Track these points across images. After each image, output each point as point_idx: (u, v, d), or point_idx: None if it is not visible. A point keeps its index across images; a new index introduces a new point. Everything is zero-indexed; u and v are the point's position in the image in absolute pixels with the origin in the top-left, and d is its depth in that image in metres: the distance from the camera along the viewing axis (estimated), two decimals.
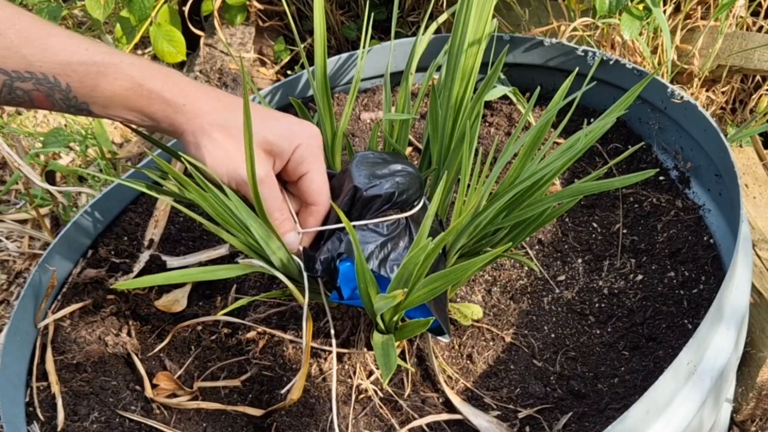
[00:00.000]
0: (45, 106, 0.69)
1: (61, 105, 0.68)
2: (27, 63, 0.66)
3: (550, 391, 0.80)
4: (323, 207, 0.74)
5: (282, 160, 0.72)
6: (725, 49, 1.31)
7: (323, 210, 0.74)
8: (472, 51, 0.81)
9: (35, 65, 0.66)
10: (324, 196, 0.74)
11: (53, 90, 0.67)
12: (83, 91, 0.68)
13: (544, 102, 1.14)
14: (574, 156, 0.73)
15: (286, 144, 0.71)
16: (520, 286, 0.91)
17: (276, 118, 0.73)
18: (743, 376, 1.00)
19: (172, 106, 0.69)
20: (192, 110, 0.69)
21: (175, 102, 0.69)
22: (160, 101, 0.69)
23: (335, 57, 1.18)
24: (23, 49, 0.65)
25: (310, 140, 0.72)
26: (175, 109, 0.69)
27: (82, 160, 1.54)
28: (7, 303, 1.39)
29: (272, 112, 0.74)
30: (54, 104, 0.68)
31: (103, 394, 0.85)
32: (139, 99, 0.69)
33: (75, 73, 0.67)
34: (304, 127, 0.73)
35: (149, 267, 0.97)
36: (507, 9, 1.42)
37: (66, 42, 0.67)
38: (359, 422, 0.78)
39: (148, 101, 0.69)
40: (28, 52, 0.65)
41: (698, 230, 0.92)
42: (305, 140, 0.72)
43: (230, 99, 0.73)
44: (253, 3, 1.59)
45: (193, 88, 0.71)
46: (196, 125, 0.69)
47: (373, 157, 0.75)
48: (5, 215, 1.45)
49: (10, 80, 0.65)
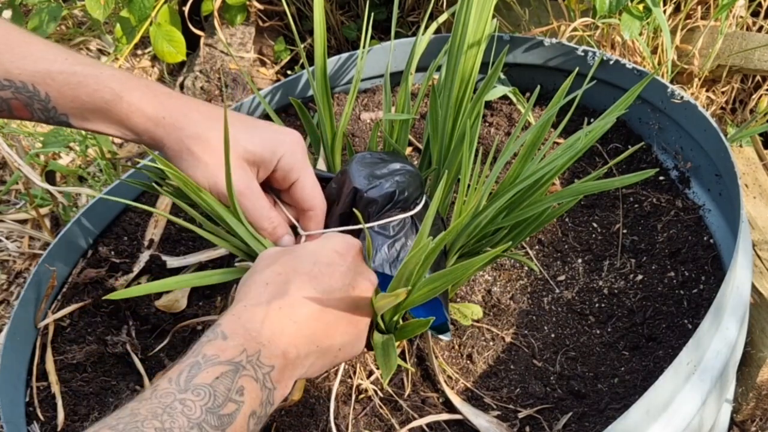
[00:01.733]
0: (24, 115, 0.68)
1: (40, 115, 0.67)
2: (5, 71, 0.65)
3: (550, 391, 0.80)
4: (320, 210, 0.74)
5: (266, 170, 0.72)
6: (725, 49, 1.31)
7: (321, 213, 0.75)
8: (472, 51, 0.81)
9: (14, 73, 0.65)
10: (318, 200, 0.74)
11: (32, 99, 0.66)
12: (62, 101, 0.67)
13: (544, 102, 1.14)
14: (574, 156, 0.73)
15: (269, 153, 0.70)
16: (520, 286, 0.91)
17: (257, 126, 0.72)
18: (743, 376, 1.00)
19: (152, 120, 0.68)
20: (171, 123, 0.69)
21: (155, 115, 0.68)
22: (140, 114, 0.68)
23: (335, 57, 1.18)
24: (2, 56, 0.64)
25: (294, 147, 0.72)
26: (155, 123, 0.69)
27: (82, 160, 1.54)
28: (7, 303, 1.39)
29: (254, 121, 0.73)
30: (33, 114, 0.67)
31: (103, 394, 0.85)
32: (118, 112, 0.68)
33: (54, 82, 0.66)
34: (286, 135, 0.72)
35: (149, 267, 0.97)
36: (507, 9, 1.42)
37: (46, 51, 0.66)
38: (359, 422, 0.78)
39: (128, 114, 0.68)
40: (6, 59, 0.64)
41: (698, 230, 0.92)
42: (289, 148, 0.71)
43: (211, 110, 0.72)
44: (253, 3, 1.59)
45: (173, 100, 0.70)
46: (176, 138, 0.69)
47: (371, 158, 0.75)
48: (5, 215, 1.45)
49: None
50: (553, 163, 0.72)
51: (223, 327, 0.55)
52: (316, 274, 0.62)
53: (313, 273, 0.61)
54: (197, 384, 0.50)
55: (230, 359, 0.52)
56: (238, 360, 0.52)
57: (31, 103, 0.66)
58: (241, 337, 0.55)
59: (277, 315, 0.58)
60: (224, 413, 0.49)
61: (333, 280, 0.62)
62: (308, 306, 0.60)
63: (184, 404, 0.48)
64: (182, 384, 0.50)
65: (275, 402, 0.55)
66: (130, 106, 0.68)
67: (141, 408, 0.47)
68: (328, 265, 0.63)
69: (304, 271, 0.61)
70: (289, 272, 0.61)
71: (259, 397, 0.53)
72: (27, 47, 0.65)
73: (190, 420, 0.47)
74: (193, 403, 0.48)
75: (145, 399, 0.49)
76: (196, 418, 0.48)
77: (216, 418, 0.48)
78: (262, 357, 0.54)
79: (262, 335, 0.56)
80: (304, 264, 0.62)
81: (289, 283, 0.60)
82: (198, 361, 0.52)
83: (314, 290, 0.60)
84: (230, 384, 0.50)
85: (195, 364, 0.51)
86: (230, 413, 0.49)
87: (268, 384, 0.54)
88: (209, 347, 0.53)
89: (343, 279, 0.63)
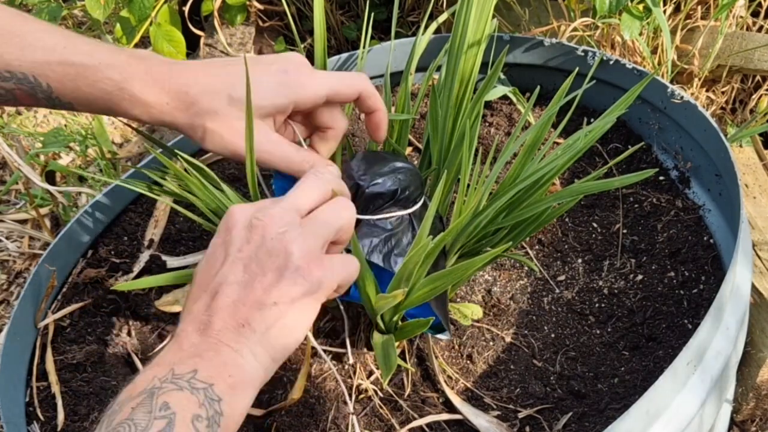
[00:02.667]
0: (30, 103, 0.67)
1: (45, 103, 0.67)
2: (5, 62, 0.64)
3: (550, 391, 0.80)
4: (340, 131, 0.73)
5: (284, 113, 0.71)
6: (725, 49, 1.31)
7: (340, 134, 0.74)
8: (472, 51, 0.81)
9: (14, 64, 0.64)
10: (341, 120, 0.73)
11: (35, 89, 0.66)
12: (64, 91, 0.66)
13: (544, 102, 1.14)
14: (574, 156, 0.73)
15: (282, 100, 0.69)
16: (520, 286, 0.91)
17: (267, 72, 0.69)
18: (743, 376, 1.00)
19: (156, 108, 0.68)
20: (175, 106, 0.68)
21: (158, 103, 0.67)
22: (142, 104, 0.67)
23: (335, 57, 1.18)
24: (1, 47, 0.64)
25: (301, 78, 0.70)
26: (160, 110, 0.68)
27: (82, 160, 1.54)
28: (7, 303, 1.39)
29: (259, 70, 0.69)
30: (39, 102, 0.67)
31: (103, 394, 0.85)
32: (121, 102, 0.67)
33: (54, 74, 0.65)
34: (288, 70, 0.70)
35: (149, 267, 0.97)
36: (507, 9, 1.42)
37: (45, 40, 0.65)
38: (359, 422, 0.78)
39: (131, 104, 0.67)
40: (5, 50, 0.64)
41: (698, 230, 0.92)
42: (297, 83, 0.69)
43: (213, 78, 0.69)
44: (253, 3, 1.59)
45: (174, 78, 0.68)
46: (184, 118, 0.68)
47: (372, 156, 0.76)
48: (5, 215, 1.46)
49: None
50: (553, 163, 0.72)
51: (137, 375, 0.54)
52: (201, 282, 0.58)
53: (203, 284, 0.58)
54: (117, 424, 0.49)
55: (142, 390, 0.51)
56: (150, 386, 0.51)
57: (34, 93, 0.66)
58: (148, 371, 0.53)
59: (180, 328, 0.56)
60: None
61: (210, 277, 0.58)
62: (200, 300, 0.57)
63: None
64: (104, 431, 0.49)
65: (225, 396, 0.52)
66: (132, 97, 0.67)
67: None
68: (208, 263, 0.59)
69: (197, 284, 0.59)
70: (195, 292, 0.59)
71: (194, 401, 0.50)
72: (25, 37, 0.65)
73: None
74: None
75: None
76: None
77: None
78: (177, 370, 0.52)
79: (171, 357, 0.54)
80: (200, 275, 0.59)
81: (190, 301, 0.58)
82: (113, 408, 0.51)
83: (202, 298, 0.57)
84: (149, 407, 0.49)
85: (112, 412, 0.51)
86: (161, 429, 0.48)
87: (197, 385, 0.51)
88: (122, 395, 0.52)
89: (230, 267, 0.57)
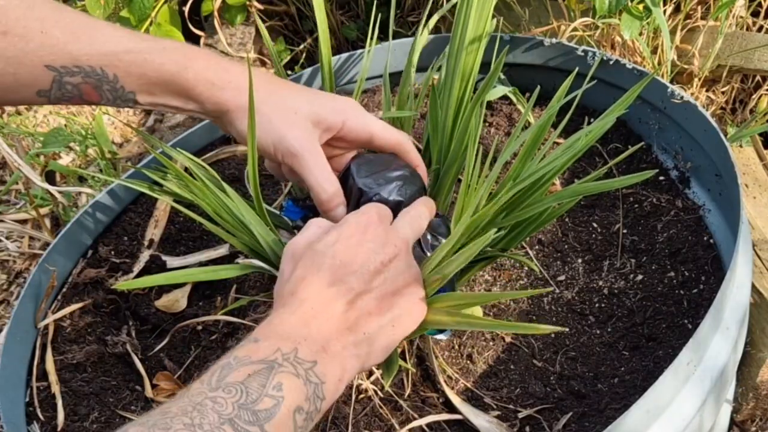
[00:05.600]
0: (94, 99, 0.70)
1: (108, 96, 0.70)
2: (74, 58, 0.67)
3: (550, 391, 0.80)
4: None
5: (330, 132, 0.74)
6: (725, 49, 1.31)
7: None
8: (472, 51, 0.81)
9: (82, 59, 0.67)
10: None
11: (101, 82, 0.68)
12: (130, 79, 0.69)
13: (544, 102, 1.14)
14: (574, 156, 0.73)
15: (336, 116, 0.74)
16: (520, 286, 0.91)
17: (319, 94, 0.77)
18: (743, 376, 1.00)
19: (216, 85, 0.71)
20: (237, 87, 0.72)
21: (220, 80, 0.71)
22: (205, 81, 0.71)
23: (335, 57, 1.18)
24: (69, 45, 0.66)
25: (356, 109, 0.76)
26: (220, 87, 0.71)
27: (82, 160, 1.54)
28: (7, 303, 1.39)
29: (316, 90, 0.78)
30: (102, 96, 0.70)
31: (103, 394, 0.85)
32: (185, 82, 0.70)
33: (121, 63, 0.68)
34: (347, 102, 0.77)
35: (149, 267, 0.97)
36: (507, 9, 1.42)
37: (110, 33, 0.69)
38: (359, 422, 0.78)
39: (195, 83, 0.71)
40: (74, 47, 0.66)
41: (698, 230, 0.92)
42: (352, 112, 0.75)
43: (270, 76, 0.76)
44: (253, 3, 1.59)
45: (235, 67, 0.73)
46: (242, 101, 0.71)
47: (373, 158, 0.76)
48: (5, 215, 1.45)
49: (60, 76, 0.67)
50: (553, 163, 0.72)
51: (256, 333, 0.55)
52: (336, 268, 0.60)
53: (333, 268, 0.60)
54: (229, 382, 0.49)
55: (263, 358, 0.52)
56: (272, 358, 0.52)
57: (100, 86, 0.69)
58: (273, 339, 0.54)
59: (310, 315, 0.57)
60: (260, 408, 0.48)
61: (356, 266, 0.60)
62: (339, 300, 0.59)
63: (215, 401, 0.48)
64: (213, 383, 0.49)
65: (327, 396, 0.54)
66: (196, 74, 0.70)
67: (172, 406, 0.47)
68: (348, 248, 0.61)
69: (325, 268, 0.60)
70: (310, 275, 0.60)
71: (303, 393, 0.52)
72: (92, 32, 0.68)
73: (221, 416, 0.47)
74: (225, 400, 0.48)
75: (176, 399, 0.49)
76: (228, 414, 0.47)
77: (250, 414, 0.48)
78: (300, 354, 0.53)
79: (297, 335, 0.55)
80: (325, 259, 0.61)
81: (311, 285, 0.59)
82: (229, 362, 0.51)
83: (336, 287, 0.59)
84: (264, 381, 0.50)
85: (226, 365, 0.51)
86: (268, 408, 0.49)
87: (312, 379, 0.53)
88: (241, 350, 0.53)
89: (367, 258, 0.61)
